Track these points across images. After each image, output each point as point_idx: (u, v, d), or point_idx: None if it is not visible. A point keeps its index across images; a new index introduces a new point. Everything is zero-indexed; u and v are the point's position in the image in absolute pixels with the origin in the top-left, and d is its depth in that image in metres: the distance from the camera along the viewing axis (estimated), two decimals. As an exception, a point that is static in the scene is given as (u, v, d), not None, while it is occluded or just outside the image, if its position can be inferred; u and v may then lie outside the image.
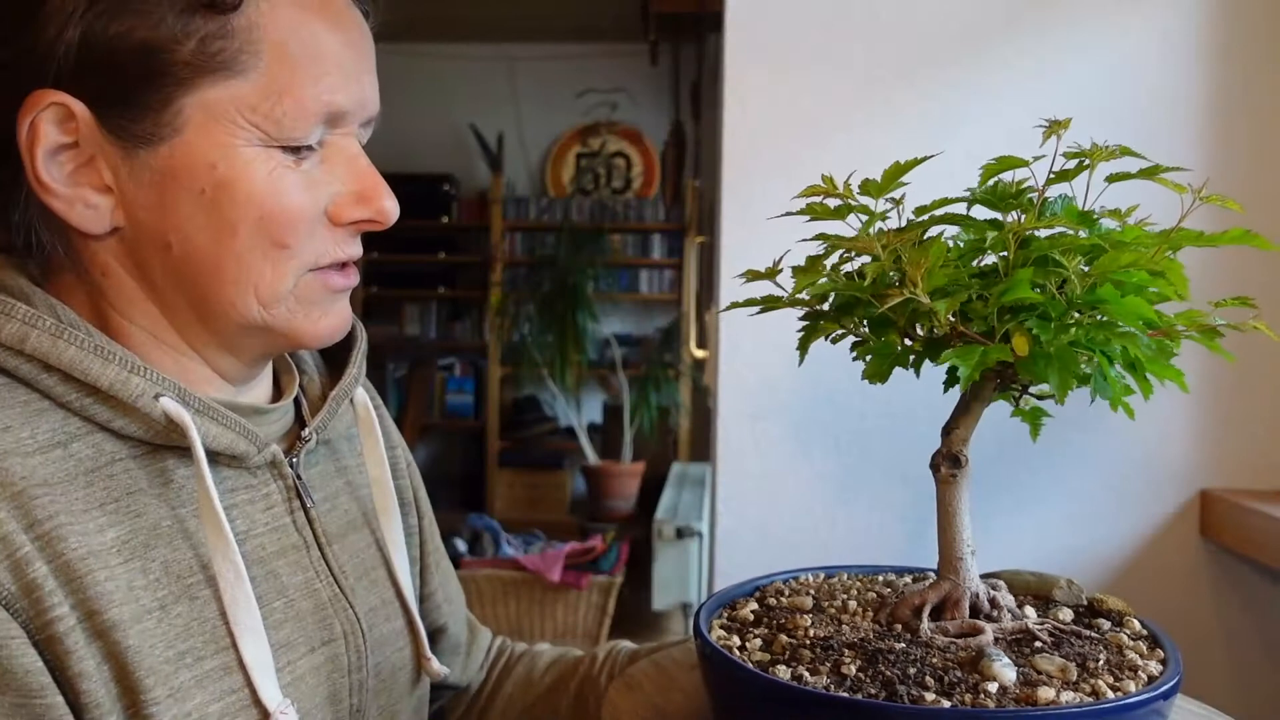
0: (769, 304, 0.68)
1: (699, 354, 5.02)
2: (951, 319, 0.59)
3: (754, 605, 0.70)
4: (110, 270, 0.67)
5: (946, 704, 0.54)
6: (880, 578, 0.77)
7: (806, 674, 0.58)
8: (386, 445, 0.85)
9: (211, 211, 0.64)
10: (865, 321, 0.65)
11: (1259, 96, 1.22)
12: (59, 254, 0.67)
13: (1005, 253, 0.60)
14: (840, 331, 0.66)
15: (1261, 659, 1.26)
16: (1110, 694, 0.57)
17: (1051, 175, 0.63)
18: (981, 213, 0.66)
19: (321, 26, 0.65)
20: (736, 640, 0.64)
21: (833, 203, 0.66)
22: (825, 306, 0.67)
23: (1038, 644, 0.63)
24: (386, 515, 0.83)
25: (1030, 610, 0.69)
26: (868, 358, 0.64)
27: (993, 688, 0.56)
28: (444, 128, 5.38)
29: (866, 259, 0.62)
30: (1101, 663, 0.61)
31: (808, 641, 0.63)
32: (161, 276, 0.67)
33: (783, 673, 0.58)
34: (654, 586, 3.48)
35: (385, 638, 0.79)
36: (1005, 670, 0.57)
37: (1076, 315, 0.59)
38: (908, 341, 0.63)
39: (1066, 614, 0.69)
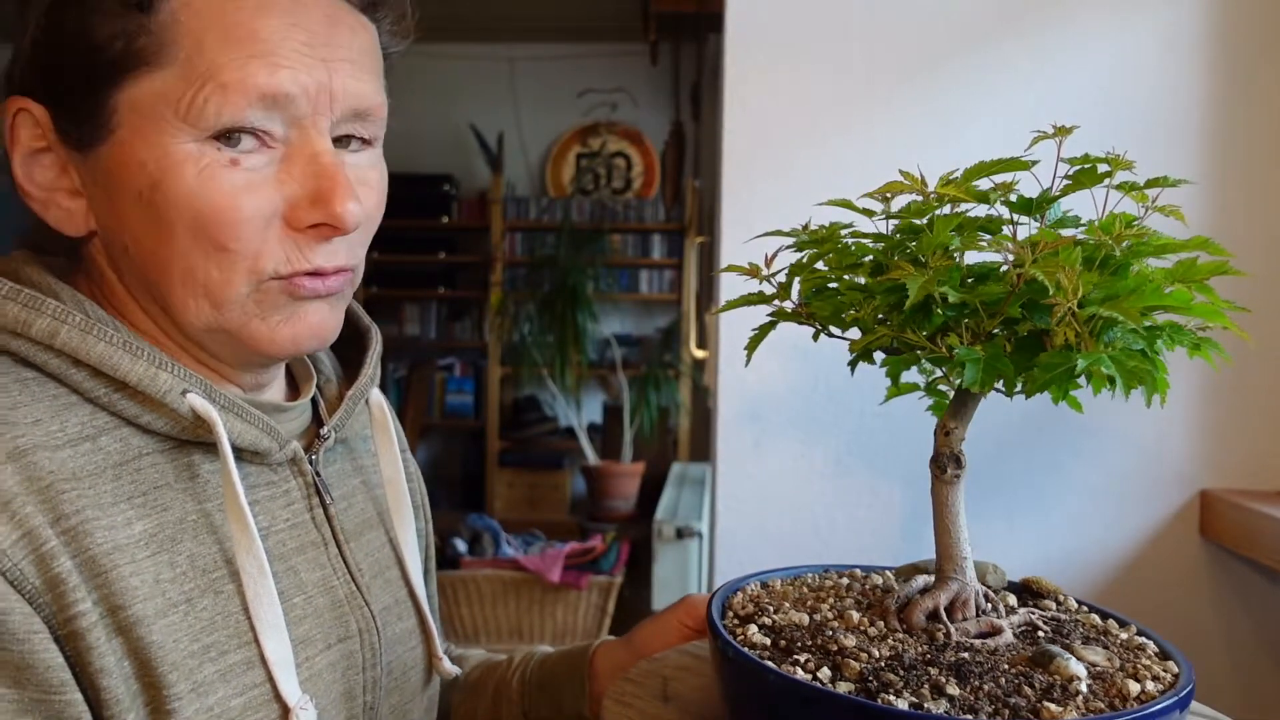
0: (758, 301, 0.68)
1: (699, 354, 5.01)
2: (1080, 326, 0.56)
3: (754, 627, 0.64)
4: (104, 272, 0.68)
5: (1075, 715, 0.53)
6: (808, 577, 0.75)
7: (917, 700, 0.54)
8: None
9: (149, 212, 0.63)
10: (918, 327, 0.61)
11: (1259, 96, 1.22)
12: (70, 254, 0.68)
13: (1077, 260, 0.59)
14: (876, 337, 0.63)
15: (1262, 659, 1.26)
16: (1165, 675, 0.58)
17: (1068, 181, 0.63)
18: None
19: (255, 9, 0.62)
20: (804, 675, 0.57)
21: (869, 201, 0.64)
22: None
23: (1040, 634, 0.64)
24: (399, 516, 0.83)
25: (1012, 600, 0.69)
26: (964, 366, 0.58)
27: (1083, 687, 0.55)
28: (444, 128, 5.37)
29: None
30: (1114, 645, 0.62)
31: (882, 662, 0.58)
32: (130, 279, 0.67)
33: (902, 703, 0.53)
34: (654, 586, 3.47)
35: (398, 636, 0.80)
36: (1078, 667, 0.57)
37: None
38: (933, 352, 0.61)
39: (1011, 599, 0.69)
